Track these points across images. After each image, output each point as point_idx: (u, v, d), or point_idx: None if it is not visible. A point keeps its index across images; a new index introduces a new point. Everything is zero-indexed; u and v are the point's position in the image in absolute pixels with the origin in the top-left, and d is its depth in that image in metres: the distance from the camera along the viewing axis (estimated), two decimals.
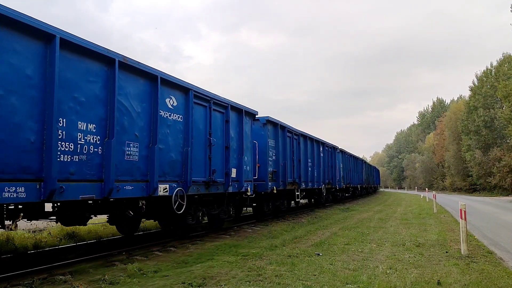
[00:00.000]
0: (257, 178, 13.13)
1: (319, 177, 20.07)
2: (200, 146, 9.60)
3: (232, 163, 10.96)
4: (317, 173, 19.85)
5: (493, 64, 50.35)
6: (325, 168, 21.59)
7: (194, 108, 9.27)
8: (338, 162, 25.54)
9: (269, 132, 13.89)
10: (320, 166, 20.47)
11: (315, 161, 19.53)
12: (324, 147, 21.75)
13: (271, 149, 14.02)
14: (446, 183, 65.39)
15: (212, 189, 10.03)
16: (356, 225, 13.45)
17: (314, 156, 19.34)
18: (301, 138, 17.68)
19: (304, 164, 17.65)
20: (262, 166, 13.39)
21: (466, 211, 8.26)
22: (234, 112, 11.37)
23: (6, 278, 5.90)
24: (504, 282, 5.78)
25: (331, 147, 23.66)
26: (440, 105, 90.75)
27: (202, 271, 6.38)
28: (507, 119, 37.16)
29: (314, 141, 19.75)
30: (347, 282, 5.69)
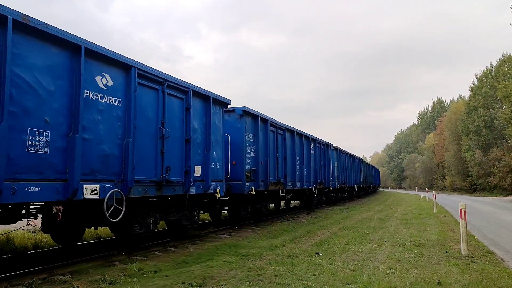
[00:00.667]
0: (232, 177, 11.58)
1: (309, 176, 18.35)
2: (148, 138, 7.81)
3: (194, 160, 9.25)
4: (307, 172, 18.14)
5: (493, 64, 50.40)
6: (316, 167, 19.80)
7: (139, 90, 7.51)
8: (332, 160, 23.82)
9: (246, 125, 12.21)
10: (311, 165, 18.76)
11: (304, 159, 17.73)
12: (315, 144, 19.98)
13: (250, 144, 12.38)
14: (446, 183, 65.40)
15: (166, 190, 8.28)
16: (356, 225, 13.45)
17: (303, 154, 17.59)
18: (288, 133, 15.89)
19: (291, 162, 16.02)
20: (238, 164, 11.79)
21: (466, 211, 8.26)
22: (198, 99, 9.63)
23: (6, 278, 5.89)
24: (504, 282, 5.78)
25: (324, 144, 21.89)
26: (440, 105, 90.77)
27: (202, 271, 6.38)
28: (507, 119, 37.16)
29: (303, 137, 17.94)
30: (347, 282, 5.69)
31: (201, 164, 9.63)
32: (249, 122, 12.54)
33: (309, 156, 18.66)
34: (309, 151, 18.60)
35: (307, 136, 18.58)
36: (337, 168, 25.30)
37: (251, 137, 12.52)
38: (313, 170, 19.10)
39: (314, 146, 19.77)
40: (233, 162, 11.72)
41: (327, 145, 22.58)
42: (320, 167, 20.59)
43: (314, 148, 19.60)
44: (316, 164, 19.79)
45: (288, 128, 15.87)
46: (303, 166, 17.44)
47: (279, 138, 15.02)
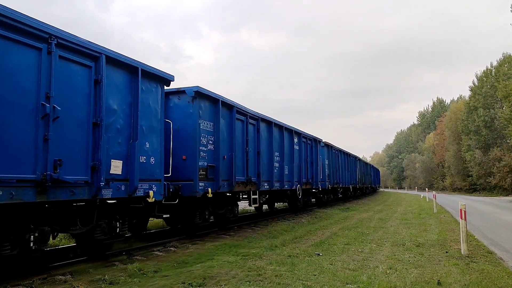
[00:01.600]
0: (181, 176, 9.35)
1: (291, 175, 15.75)
2: (20, 116, 5.41)
3: (111, 152, 6.91)
4: (289, 170, 15.59)
5: (493, 64, 50.43)
6: (301, 165, 17.14)
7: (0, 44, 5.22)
8: (322, 158, 21.14)
9: (202, 110, 9.74)
10: (294, 162, 16.07)
11: (285, 155, 15.14)
12: (300, 139, 17.38)
13: (206, 135, 9.91)
14: (446, 183, 65.42)
15: (56, 194, 5.86)
16: (356, 225, 13.45)
17: (284, 149, 15.02)
18: (263, 124, 13.22)
19: (267, 158, 13.49)
20: (190, 159, 9.46)
21: (466, 211, 8.26)
22: (118, 70, 7.27)
23: (6, 278, 5.89)
24: (504, 282, 5.79)
25: (312, 139, 19.17)
26: (440, 105, 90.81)
27: (202, 271, 6.38)
28: (507, 119, 37.16)
29: (284, 130, 15.23)
30: (347, 282, 5.69)
31: (123, 158, 7.18)
32: (206, 107, 10.05)
33: (292, 152, 16.07)
34: (291, 146, 16.10)
35: (289, 128, 15.98)
36: (328, 167, 22.65)
37: (208, 125, 10.07)
38: (296, 168, 16.47)
39: (299, 141, 17.21)
40: (183, 157, 9.44)
41: (315, 140, 19.71)
42: (306, 165, 18.00)
43: (298, 143, 17.09)
44: (301, 162, 17.20)
45: (262, 118, 13.19)
46: (283, 163, 14.87)
47: (251, 129, 12.36)
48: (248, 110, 12.25)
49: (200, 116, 9.72)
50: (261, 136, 13.05)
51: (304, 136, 18.04)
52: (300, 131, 17.36)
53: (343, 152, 28.07)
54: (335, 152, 25.27)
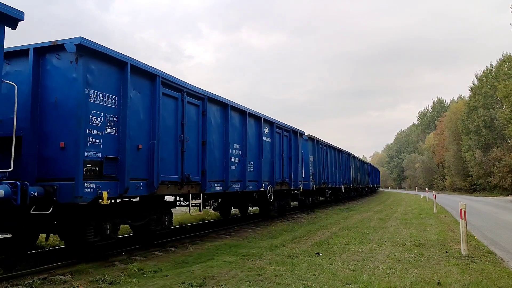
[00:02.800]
0: (56, 173, 6.39)
1: (259, 174, 12.62)
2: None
3: None
4: (256, 167, 12.53)
5: (493, 64, 50.47)
6: (274, 161, 13.95)
7: None
8: (305, 153, 18.13)
9: (93, 75, 6.71)
10: (263, 157, 12.91)
11: (250, 148, 12.07)
12: (273, 129, 14.04)
13: (103, 112, 6.88)
14: (446, 183, 65.43)
15: None
16: (356, 225, 13.45)
17: (248, 141, 11.96)
18: (213, 106, 10.21)
19: (220, 151, 10.52)
20: (70, 147, 6.41)
21: (466, 211, 8.26)
22: None
23: (6, 278, 5.89)
24: (504, 282, 5.79)
25: (290, 131, 15.92)
26: (440, 105, 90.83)
27: (202, 271, 6.38)
28: (507, 119, 37.17)
29: (249, 116, 12.08)
30: (347, 282, 5.69)
31: None
32: (102, 70, 6.92)
33: (260, 144, 12.94)
34: (259, 137, 12.97)
35: (256, 115, 12.76)
36: (314, 164, 19.60)
37: (107, 99, 6.96)
38: (267, 165, 13.40)
39: (271, 132, 14.04)
40: (61, 144, 6.40)
41: (295, 133, 16.53)
42: (281, 162, 14.84)
43: (270, 134, 13.95)
44: (273, 157, 13.96)
45: (212, 98, 10.11)
46: (246, 159, 11.78)
47: (192, 111, 9.32)
48: (185, 84, 8.97)
49: (88, 83, 6.56)
50: (210, 122, 9.97)
51: (278, 126, 14.69)
52: (272, 119, 14.06)
53: (334, 148, 24.88)
54: (323, 147, 21.98)
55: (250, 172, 12.11)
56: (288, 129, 15.83)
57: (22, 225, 6.81)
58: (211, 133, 10.05)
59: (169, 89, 8.55)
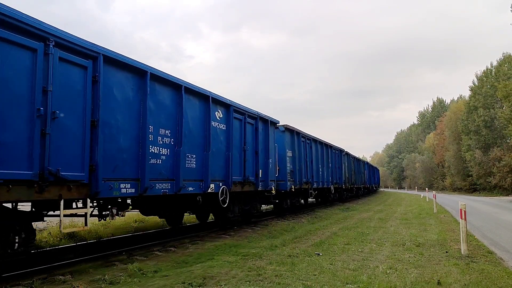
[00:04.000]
0: None
1: (204, 170, 9.59)
2: None
3: None
4: (200, 162, 9.49)
5: (493, 64, 50.45)
6: (230, 154, 10.76)
7: None
8: (281, 147, 15.09)
9: None
10: (210, 149, 9.77)
11: (187, 135, 8.98)
12: (229, 114, 10.92)
13: None
14: (446, 183, 65.43)
15: None
16: (356, 225, 13.45)
17: (183, 126, 8.84)
18: (112, 69, 7.04)
19: (129, 136, 7.39)
20: None
21: (466, 211, 8.26)
22: None
23: (6, 278, 5.89)
24: (504, 282, 5.79)
25: (257, 118, 12.61)
26: (440, 105, 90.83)
27: (202, 271, 6.38)
28: (507, 119, 37.17)
29: (186, 93, 9.00)
30: (347, 282, 5.69)
31: None
32: None
33: (207, 132, 9.84)
34: (206, 122, 9.85)
35: (202, 93, 9.72)
36: (293, 161, 16.23)
37: None
38: (221, 159, 10.44)
39: (228, 117, 10.89)
40: None
41: (264, 121, 13.15)
42: (243, 156, 11.63)
43: (226, 120, 10.82)
44: (231, 150, 10.80)
45: (111, 58, 6.99)
46: (180, 150, 8.64)
47: (67, 73, 6.17)
48: (51, 29, 5.90)
49: None
50: (109, 94, 6.92)
51: (239, 110, 11.46)
52: (229, 101, 10.94)
53: (320, 142, 21.26)
54: (306, 141, 18.30)
55: (189, 168, 8.99)
56: (253, 116, 12.42)
57: None
58: (112, 111, 6.95)
59: (13, 32, 5.33)
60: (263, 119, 13.10)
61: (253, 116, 12.44)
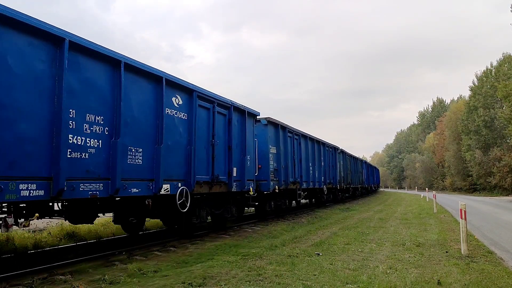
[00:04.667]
0: None
1: (156, 168, 7.91)
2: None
3: None
4: (150, 158, 7.85)
5: (493, 64, 50.46)
6: (193, 149, 9.06)
7: None
8: (261, 143, 13.56)
9: None
10: (162, 142, 8.06)
11: (126, 125, 7.27)
12: (193, 101, 9.27)
13: None
14: (446, 183, 65.45)
15: None
16: (356, 225, 13.45)
17: (120, 111, 7.08)
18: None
19: (37, 122, 5.71)
20: None
21: (466, 211, 8.26)
22: None
23: (6, 278, 5.89)
24: (504, 282, 5.78)
25: (228, 107, 10.91)
26: (440, 105, 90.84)
27: (202, 271, 6.38)
28: (507, 119, 37.17)
29: (125, 70, 7.24)
30: (347, 282, 5.69)
31: None
32: None
33: (159, 121, 8.12)
34: (158, 109, 8.12)
35: (153, 73, 7.97)
36: (277, 158, 14.53)
37: None
38: (180, 155, 8.75)
39: (190, 105, 9.19)
40: None
41: (240, 111, 11.61)
42: (211, 152, 10.00)
43: (188, 107, 9.12)
44: (193, 144, 9.09)
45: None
46: (117, 141, 6.97)
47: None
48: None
49: None
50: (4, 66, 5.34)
51: (207, 98, 9.83)
52: (192, 85, 9.20)
53: (311, 138, 19.49)
54: (293, 137, 16.69)
55: (133, 165, 7.33)
56: (226, 105, 10.73)
57: None
58: (9, 88, 5.37)
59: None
60: (238, 109, 11.48)
61: (225, 105, 10.78)
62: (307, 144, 18.67)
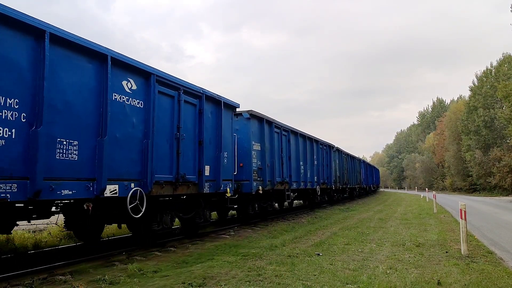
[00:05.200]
0: None
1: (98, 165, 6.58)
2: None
3: None
4: (90, 153, 6.50)
5: (493, 64, 50.47)
6: (151, 143, 7.74)
7: None
8: (242, 138, 12.31)
9: None
10: (105, 134, 6.71)
11: (50, 108, 5.77)
12: (151, 85, 7.85)
13: None
14: (446, 183, 65.46)
15: None
16: (356, 225, 13.45)
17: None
18: None
19: None
20: None
21: (466, 211, 8.26)
22: None
23: (6, 278, 5.90)
24: (504, 282, 5.78)
25: (200, 96, 9.59)
26: (440, 105, 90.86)
27: (202, 271, 6.38)
28: (507, 119, 37.17)
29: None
30: (347, 282, 5.69)
31: None
32: None
33: (103, 109, 6.79)
34: (102, 93, 6.81)
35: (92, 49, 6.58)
36: (261, 155, 13.20)
37: None
38: (133, 150, 7.46)
39: (148, 91, 7.85)
40: None
41: (215, 102, 10.27)
42: (175, 147, 8.69)
43: (144, 93, 7.78)
44: (151, 137, 7.78)
45: None
46: (37, 131, 5.54)
47: None
48: None
49: None
50: None
51: (170, 84, 8.50)
52: (150, 68, 7.85)
53: (303, 135, 18.11)
54: (281, 133, 15.24)
55: (63, 160, 6.01)
56: (196, 93, 9.38)
57: None
58: None
59: None
60: (212, 99, 10.07)
61: (195, 93, 9.38)
62: (297, 141, 17.24)
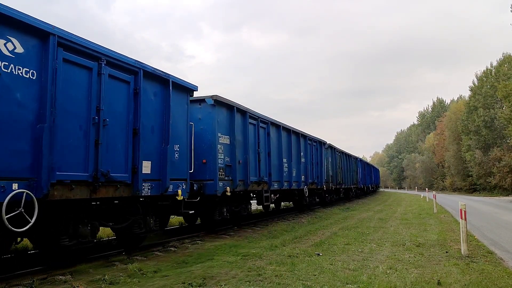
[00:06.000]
0: None
1: None
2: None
3: None
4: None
5: (493, 64, 50.50)
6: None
7: None
8: (206, 129, 10.56)
9: None
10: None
11: None
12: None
13: None
14: (446, 183, 65.48)
15: None
16: (356, 225, 13.45)
17: None
18: None
19: None
20: None
21: (466, 211, 8.25)
22: None
23: (6, 278, 5.89)
24: (504, 282, 5.78)
25: (136, 71, 7.54)
26: (440, 105, 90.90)
27: (202, 271, 6.38)
28: (507, 119, 37.17)
29: None
30: (347, 282, 5.69)
31: None
32: None
33: None
34: None
35: None
36: (230, 150, 11.23)
37: None
38: (25, 138, 5.40)
39: (39, 53, 5.65)
40: None
41: (162, 81, 8.32)
42: (92, 135, 6.53)
43: (34, 57, 5.58)
44: (49, 120, 5.59)
45: None
46: None
47: None
48: None
49: None
50: None
51: (84, 51, 6.35)
52: (32, 21, 5.49)
53: (287, 129, 15.97)
54: (258, 124, 13.19)
55: None
56: (130, 67, 7.43)
57: None
58: None
59: None
60: (156, 77, 8.10)
61: (127, 67, 7.37)
62: (280, 134, 14.94)
